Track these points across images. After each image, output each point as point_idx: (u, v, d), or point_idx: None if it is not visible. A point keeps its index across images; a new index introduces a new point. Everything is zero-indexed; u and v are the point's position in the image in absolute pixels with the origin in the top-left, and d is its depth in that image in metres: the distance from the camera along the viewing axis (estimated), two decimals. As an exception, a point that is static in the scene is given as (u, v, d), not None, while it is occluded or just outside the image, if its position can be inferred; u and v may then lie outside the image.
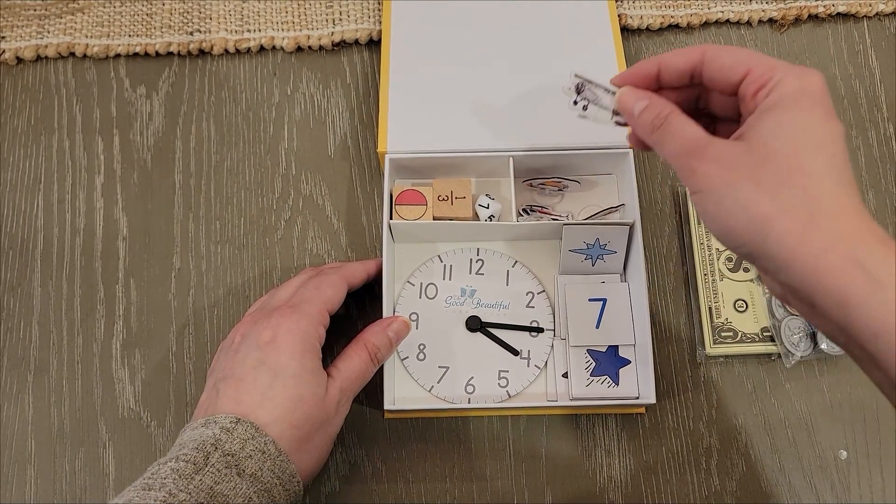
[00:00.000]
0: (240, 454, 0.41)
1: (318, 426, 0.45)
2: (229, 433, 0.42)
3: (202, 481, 0.40)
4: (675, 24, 0.66)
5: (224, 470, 0.40)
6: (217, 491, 0.40)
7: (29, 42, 0.65)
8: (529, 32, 0.62)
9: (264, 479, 0.42)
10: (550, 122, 0.58)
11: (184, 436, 0.44)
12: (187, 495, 0.39)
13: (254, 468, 0.41)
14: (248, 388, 0.44)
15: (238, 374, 0.45)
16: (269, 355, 0.45)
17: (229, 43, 0.65)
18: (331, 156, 0.63)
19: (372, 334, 0.51)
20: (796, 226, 0.35)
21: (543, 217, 0.58)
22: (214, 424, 0.42)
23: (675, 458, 0.55)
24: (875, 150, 0.63)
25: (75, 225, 0.61)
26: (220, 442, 0.41)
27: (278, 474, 0.42)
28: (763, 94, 0.39)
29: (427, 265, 0.58)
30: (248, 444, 0.42)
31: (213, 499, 0.39)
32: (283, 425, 0.43)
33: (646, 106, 0.42)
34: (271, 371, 0.45)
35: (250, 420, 0.43)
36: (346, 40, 0.65)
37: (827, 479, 0.54)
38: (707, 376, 0.56)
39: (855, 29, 0.67)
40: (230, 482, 0.40)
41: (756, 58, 0.40)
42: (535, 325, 0.56)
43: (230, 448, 0.41)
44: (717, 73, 0.41)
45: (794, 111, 0.37)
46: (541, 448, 0.55)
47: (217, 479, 0.40)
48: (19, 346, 0.57)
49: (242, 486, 0.41)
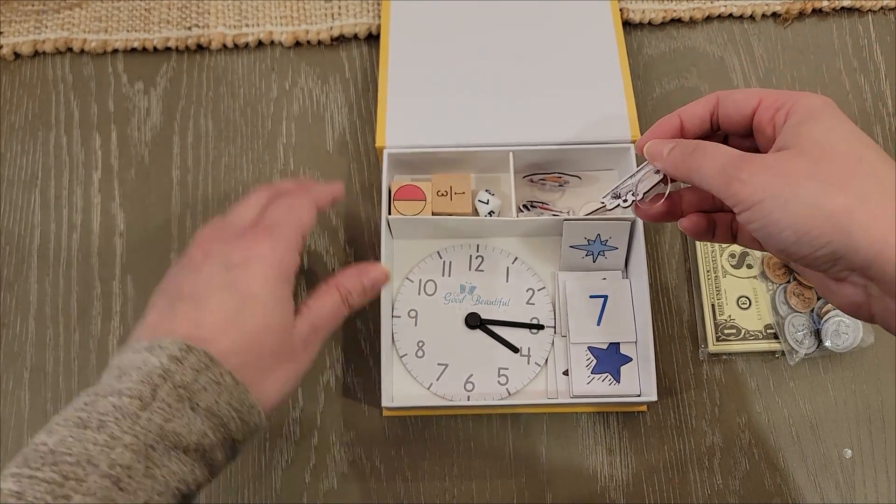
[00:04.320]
0: (193, 386, 0.37)
1: (284, 359, 0.42)
2: (179, 363, 0.37)
3: (150, 419, 0.35)
4: (677, 18, 0.66)
5: (176, 405, 0.36)
6: (168, 429, 0.35)
7: (26, 37, 0.65)
8: (530, 26, 0.61)
9: (221, 412, 0.38)
10: (551, 117, 0.57)
11: (123, 358, 0.38)
12: (133, 437, 0.34)
13: (209, 401, 0.37)
14: (212, 310, 0.40)
15: (201, 294, 0.40)
16: (238, 279, 0.41)
17: (227, 38, 0.65)
18: (329, 151, 0.62)
19: (345, 277, 0.46)
20: (881, 213, 0.33)
21: (544, 213, 0.57)
22: (161, 351, 0.37)
23: (677, 456, 0.54)
24: (880, 145, 0.61)
25: (72, 221, 0.60)
26: (169, 373, 0.37)
27: (236, 407, 0.38)
28: (782, 115, 0.39)
29: (426, 261, 0.57)
30: (201, 375, 0.37)
31: (163, 438, 0.35)
32: (246, 356, 0.39)
33: (675, 145, 0.42)
34: (240, 296, 0.40)
35: (204, 348, 0.38)
36: (344, 35, 0.65)
37: (831, 478, 0.53)
38: (710, 374, 0.56)
39: (859, 23, 0.66)
40: (183, 418, 0.36)
41: (765, 90, 0.41)
42: (535, 322, 0.55)
43: (181, 380, 0.37)
44: (731, 108, 0.42)
45: (831, 119, 0.37)
46: (541, 446, 0.54)
47: (168, 415, 0.36)
48: (16, 343, 0.57)
49: (197, 422, 0.37)
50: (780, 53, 0.65)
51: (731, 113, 0.42)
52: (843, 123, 0.37)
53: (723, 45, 0.65)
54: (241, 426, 0.39)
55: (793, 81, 0.64)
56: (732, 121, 0.42)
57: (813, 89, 0.64)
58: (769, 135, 0.40)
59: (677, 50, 0.65)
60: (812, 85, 0.64)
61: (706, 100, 0.43)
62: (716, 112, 0.43)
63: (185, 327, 0.39)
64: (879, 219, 0.33)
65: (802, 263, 0.37)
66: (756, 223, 0.37)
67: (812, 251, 0.35)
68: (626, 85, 0.58)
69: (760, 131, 0.41)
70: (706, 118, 0.43)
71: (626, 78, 0.59)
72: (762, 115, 0.40)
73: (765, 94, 0.40)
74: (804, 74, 0.64)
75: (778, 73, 0.64)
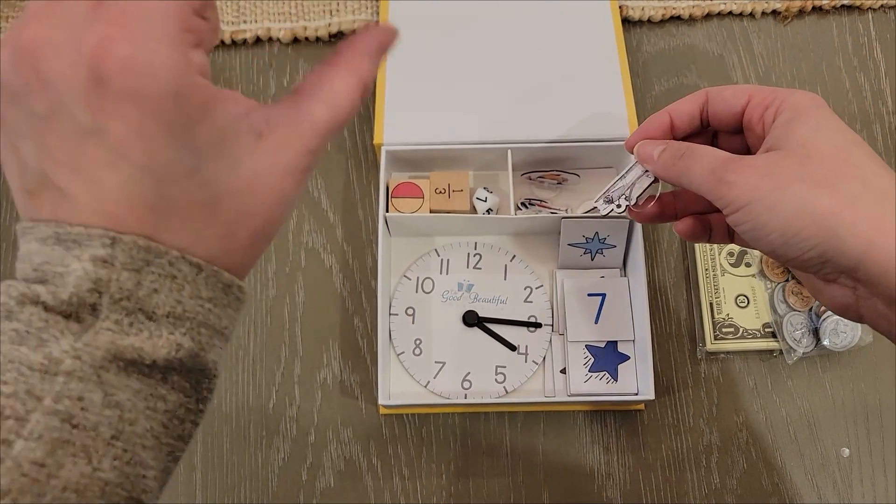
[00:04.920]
0: (137, 293, 0.26)
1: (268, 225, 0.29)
2: (109, 266, 0.26)
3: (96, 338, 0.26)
4: (677, 15, 0.65)
5: (126, 319, 0.26)
6: (124, 347, 0.26)
7: (23, 33, 0.65)
8: (529, 24, 0.61)
9: (190, 312, 0.27)
10: (549, 115, 0.57)
11: (32, 248, 0.26)
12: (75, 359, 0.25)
13: (169, 305, 0.27)
14: (107, 176, 0.26)
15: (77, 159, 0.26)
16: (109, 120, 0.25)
17: (225, 34, 0.64)
18: (326, 148, 0.62)
19: (349, 48, 0.32)
20: (868, 214, 0.33)
21: (542, 210, 0.57)
22: (79, 248, 0.26)
23: (674, 455, 0.54)
24: (880, 143, 0.62)
25: (69, 217, 0.60)
26: (101, 284, 0.26)
27: (209, 297, 0.28)
28: (771, 113, 0.39)
29: (424, 259, 0.57)
30: (145, 275, 0.26)
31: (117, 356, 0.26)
32: (196, 221, 0.27)
33: (664, 147, 0.41)
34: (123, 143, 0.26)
35: (132, 233, 0.26)
36: (342, 31, 0.65)
37: (829, 477, 0.53)
38: (708, 373, 0.56)
39: (859, 21, 0.66)
40: (142, 333, 0.26)
41: (755, 86, 0.41)
42: (533, 320, 0.55)
43: (119, 290, 0.26)
44: (720, 106, 0.42)
45: (819, 118, 0.37)
46: (538, 445, 0.54)
47: (117, 335, 0.26)
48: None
49: (162, 334, 0.27)
50: (779, 51, 0.65)
51: (721, 110, 0.42)
52: (831, 122, 0.37)
53: (722, 42, 0.65)
54: (222, 314, 0.29)
55: (792, 79, 0.64)
56: (722, 118, 0.42)
57: (812, 87, 0.64)
58: (758, 133, 0.40)
59: (677, 48, 0.65)
60: (812, 83, 0.64)
61: (695, 96, 0.43)
62: (705, 109, 0.43)
63: (87, 204, 0.26)
64: (865, 220, 0.33)
65: (791, 265, 0.37)
66: (744, 225, 0.37)
67: (800, 253, 0.35)
68: (625, 82, 0.58)
69: (750, 129, 0.41)
70: (696, 115, 0.43)
71: (625, 75, 0.59)
72: (751, 112, 0.40)
73: (754, 92, 0.40)
74: (804, 72, 0.64)
75: (777, 71, 0.64)
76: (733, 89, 0.41)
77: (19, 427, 0.24)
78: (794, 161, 0.36)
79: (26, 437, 0.24)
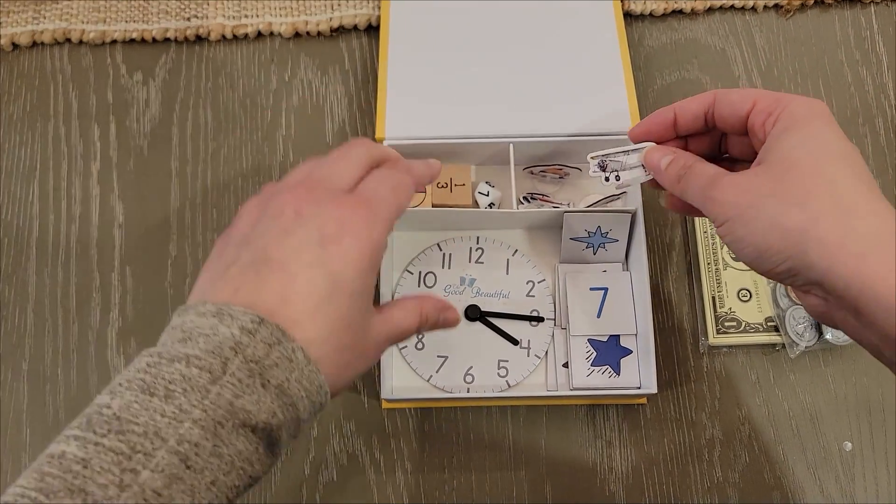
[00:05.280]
0: (264, 361, 0.34)
1: (356, 357, 0.39)
2: (251, 335, 0.34)
3: (220, 394, 0.33)
4: (679, 9, 0.65)
5: (246, 380, 0.33)
6: (238, 406, 0.33)
7: (25, 28, 0.65)
8: (530, 18, 0.61)
9: (292, 391, 0.35)
10: (552, 109, 0.57)
11: (186, 319, 0.35)
12: (202, 412, 0.32)
13: (280, 378, 0.34)
14: (301, 290, 0.36)
15: (289, 264, 0.36)
16: (331, 258, 0.36)
17: (227, 29, 0.64)
18: (329, 142, 0.62)
19: (431, 305, 0.43)
20: (833, 231, 0.35)
21: (544, 205, 0.57)
22: (232, 321, 0.34)
23: (677, 449, 0.54)
24: (882, 137, 0.62)
25: (71, 212, 0.60)
26: (240, 345, 0.34)
27: (306, 386, 0.35)
28: (771, 121, 0.40)
29: (426, 253, 0.57)
30: (273, 349, 0.34)
31: (233, 415, 0.33)
32: (327, 347, 0.36)
33: (671, 160, 0.43)
34: (331, 279, 0.36)
35: (284, 325, 0.35)
36: (344, 26, 0.65)
37: (831, 471, 0.53)
38: (710, 367, 0.56)
39: (862, 14, 0.66)
40: (253, 395, 0.33)
41: (762, 91, 0.41)
42: (535, 314, 0.55)
43: (253, 354, 0.34)
44: (726, 109, 0.42)
45: (809, 129, 0.38)
46: (540, 439, 0.54)
47: (238, 391, 0.33)
48: (14, 334, 0.57)
49: (266, 400, 0.34)
50: (781, 45, 0.65)
51: (727, 114, 0.42)
52: (822, 133, 0.38)
53: (724, 36, 0.65)
54: (308, 406, 0.36)
55: (794, 73, 0.64)
56: (728, 121, 0.43)
57: (815, 81, 0.63)
58: (760, 139, 0.41)
59: (678, 42, 0.65)
60: (814, 77, 0.64)
61: (703, 97, 0.44)
62: (711, 111, 0.43)
63: (272, 301, 0.35)
64: (830, 236, 0.35)
65: (767, 276, 0.39)
66: (726, 238, 0.39)
67: (773, 266, 0.37)
68: (626, 77, 0.58)
69: (754, 134, 0.41)
70: (700, 116, 0.44)
71: (626, 70, 0.58)
72: (755, 118, 0.41)
73: (759, 97, 0.41)
74: (806, 66, 0.64)
75: (779, 66, 0.64)
76: (740, 93, 0.42)
77: (146, 460, 0.31)
78: (773, 177, 0.37)
79: (152, 469, 0.31)
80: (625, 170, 0.46)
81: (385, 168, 0.42)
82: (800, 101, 0.39)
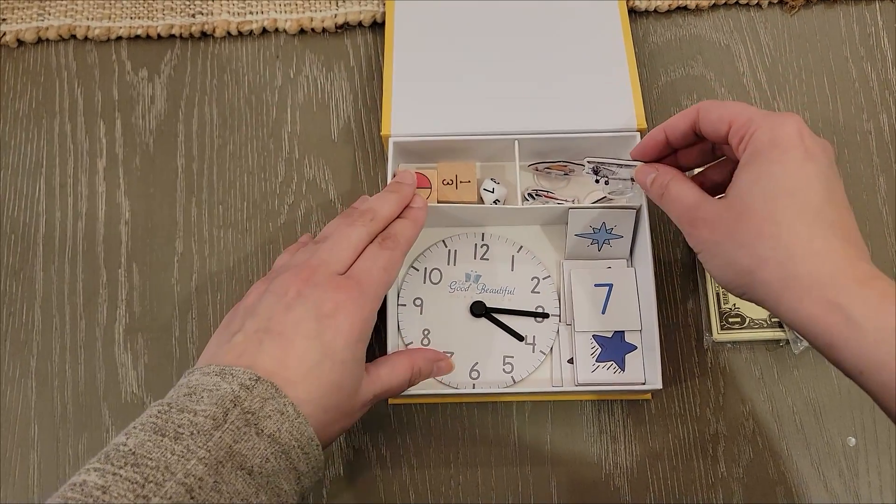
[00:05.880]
0: (259, 413, 0.39)
1: (341, 416, 0.44)
2: (249, 391, 0.40)
3: (221, 438, 0.38)
4: (684, 6, 0.65)
5: (243, 428, 0.39)
6: (236, 450, 0.38)
7: (30, 24, 0.65)
8: (535, 15, 0.61)
9: (283, 440, 0.40)
10: (556, 106, 0.57)
11: (192, 378, 0.41)
12: (206, 452, 0.37)
13: (273, 428, 0.39)
14: (297, 356, 0.42)
15: (288, 335, 0.42)
16: (325, 331, 0.43)
17: (232, 25, 0.64)
18: (334, 139, 0.62)
19: (423, 358, 0.50)
20: (775, 275, 0.39)
21: (549, 201, 0.57)
22: (233, 378, 0.40)
23: (681, 444, 0.54)
24: (886, 133, 0.62)
25: (77, 209, 0.60)
26: (239, 399, 0.39)
27: (297, 437, 0.40)
28: (742, 147, 0.42)
29: (431, 250, 0.57)
30: (267, 403, 0.40)
31: (231, 458, 0.38)
32: (314, 406, 0.42)
33: (654, 178, 0.47)
34: (323, 349, 0.42)
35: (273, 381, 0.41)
36: (349, 22, 0.65)
37: (835, 466, 0.53)
38: (714, 362, 0.56)
39: (867, 10, 0.66)
40: (249, 441, 0.39)
41: (739, 111, 0.43)
42: (540, 310, 0.55)
43: (250, 406, 0.39)
44: (708, 128, 0.45)
45: (765, 164, 0.40)
46: (545, 434, 0.54)
47: (236, 437, 0.38)
48: (22, 331, 0.57)
49: (261, 446, 0.39)
50: (786, 41, 0.65)
51: (709, 132, 0.45)
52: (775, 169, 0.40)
53: (729, 32, 0.65)
54: (301, 457, 0.41)
55: (799, 70, 0.64)
56: (712, 137, 0.45)
57: (819, 77, 0.64)
58: (736, 162, 0.43)
59: (683, 38, 0.65)
60: (818, 73, 0.64)
61: (688, 114, 0.46)
62: (697, 125, 0.46)
63: (270, 364, 0.41)
64: (774, 280, 0.39)
65: None
66: (703, 264, 0.44)
67: (738, 295, 0.43)
68: (631, 73, 0.58)
69: (733, 154, 0.44)
70: (688, 132, 0.47)
71: (631, 66, 0.58)
72: (732, 139, 0.43)
73: (734, 118, 0.43)
74: (810, 63, 0.64)
75: (784, 62, 0.64)
76: (720, 111, 0.44)
77: (157, 489, 0.35)
78: (732, 217, 0.41)
79: (162, 496, 0.35)
80: (614, 179, 0.52)
81: (378, 246, 0.48)
82: (766, 126, 0.41)
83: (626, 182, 0.51)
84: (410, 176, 0.53)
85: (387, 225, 0.50)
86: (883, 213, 0.60)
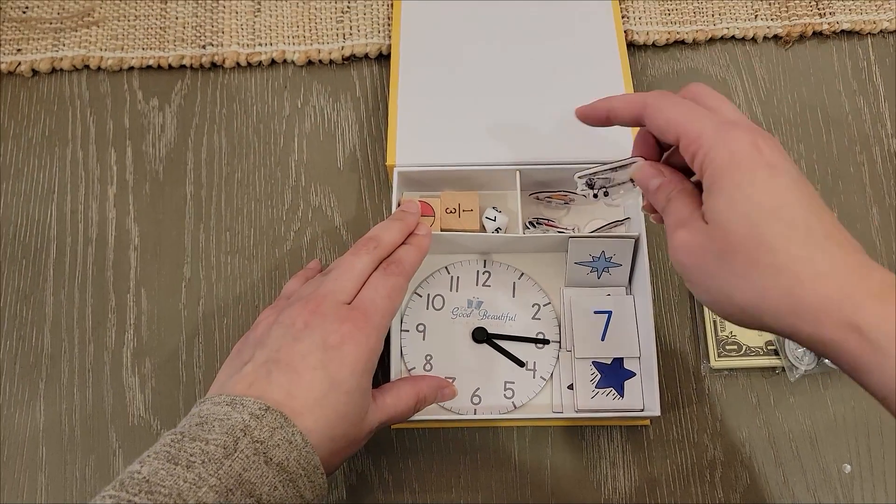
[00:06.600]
0: (268, 442, 0.41)
1: (348, 444, 0.45)
2: (258, 420, 0.41)
3: (231, 467, 0.39)
4: (681, 39, 0.67)
5: (252, 457, 0.40)
6: (245, 478, 0.39)
7: (45, 54, 0.66)
8: (537, 48, 0.63)
9: (290, 469, 0.41)
10: (557, 136, 0.58)
11: (203, 408, 0.42)
12: (217, 480, 0.38)
13: (281, 457, 0.41)
14: (304, 387, 0.43)
15: (296, 366, 0.44)
16: (332, 361, 0.44)
17: (241, 56, 0.66)
18: (340, 168, 0.64)
19: (427, 385, 0.51)
20: (783, 304, 0.36)
21: (550, 230, 0.59)
22: (243, 408, 0.41)
23: (679, 470, 0.55)
24: (879, 166, 0.63)
25: (88, 234, 0.61)
26: (248, 428, 0.40)
27: (304, 465, 0.41)
28: (697, 165, 0.39)
29: (434, 276, 0.58)
30: (276, 433, 0.41)
31: (241, 486, 0.39)
32: (321, 436, 0.43)
33: (660, 184, 0.43)
34: (330, 380, 0.43)
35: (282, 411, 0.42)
36: (355, 55, 0.66)
37: (831, 493, 0.54)
38: (711, 389, 0.57)
39: (859, 45, 0.68)
40: (258, 470, 0.40)
41: (685, 121, 0.40)
42: (540, 336, 0.57)
43: (259, 435, 0.40)
44: (656, 132, 0.42)
45: (734, 188, 0.37)
46: (546, 459, 0.55)
47: (245, 465, 0.39)
48: (31, 354, 0.58)
49: (269, 475, 0.40)
50: (780, 75, 0.66)
51: (658, 135, 0.43)
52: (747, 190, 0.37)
53: (725, 66, 0.67)
54: (307, 485, 0.42)
55: (793, 103, 0.65)
56: (661, 139, 0.43)
57: (813, 111, 0.65)
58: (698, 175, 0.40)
59: (681, 71, 0.67)
60: (812, 106, 0.65)
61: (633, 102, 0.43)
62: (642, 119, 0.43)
63: (279, 395, 0.42)
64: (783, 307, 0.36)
65: None
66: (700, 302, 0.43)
67: (736, 323, 0.40)
68: (630, 105, 0.60)
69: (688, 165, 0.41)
70: (632, 121, 0.44)
71: (630, 99, 0.60)
72: (684, 153, 0.40)
73: (683, 132, 0.40)
74: (804, 96, 0.66)
75: (779, 95, 0.66)
76: (667, 119, 0.41)
77: None
78: (717, 247, 0.38)
79: None
80: (613, 186, 0.47)
81: (382, 273, 0.49)
82: (719, 144, 0.38)
83: (627, 185, 0.47)
84: (415, 205, 0.55)
85: (391, 252, 0.51)
86: (877, 243, 0.61)
